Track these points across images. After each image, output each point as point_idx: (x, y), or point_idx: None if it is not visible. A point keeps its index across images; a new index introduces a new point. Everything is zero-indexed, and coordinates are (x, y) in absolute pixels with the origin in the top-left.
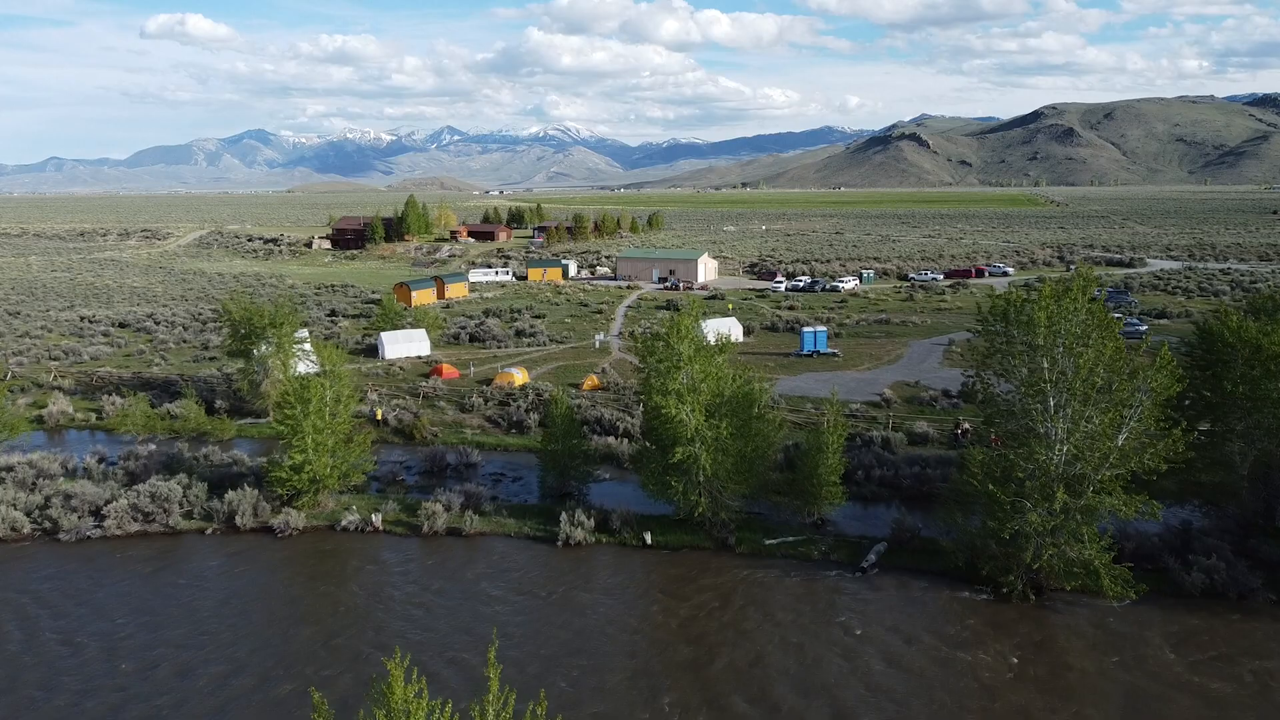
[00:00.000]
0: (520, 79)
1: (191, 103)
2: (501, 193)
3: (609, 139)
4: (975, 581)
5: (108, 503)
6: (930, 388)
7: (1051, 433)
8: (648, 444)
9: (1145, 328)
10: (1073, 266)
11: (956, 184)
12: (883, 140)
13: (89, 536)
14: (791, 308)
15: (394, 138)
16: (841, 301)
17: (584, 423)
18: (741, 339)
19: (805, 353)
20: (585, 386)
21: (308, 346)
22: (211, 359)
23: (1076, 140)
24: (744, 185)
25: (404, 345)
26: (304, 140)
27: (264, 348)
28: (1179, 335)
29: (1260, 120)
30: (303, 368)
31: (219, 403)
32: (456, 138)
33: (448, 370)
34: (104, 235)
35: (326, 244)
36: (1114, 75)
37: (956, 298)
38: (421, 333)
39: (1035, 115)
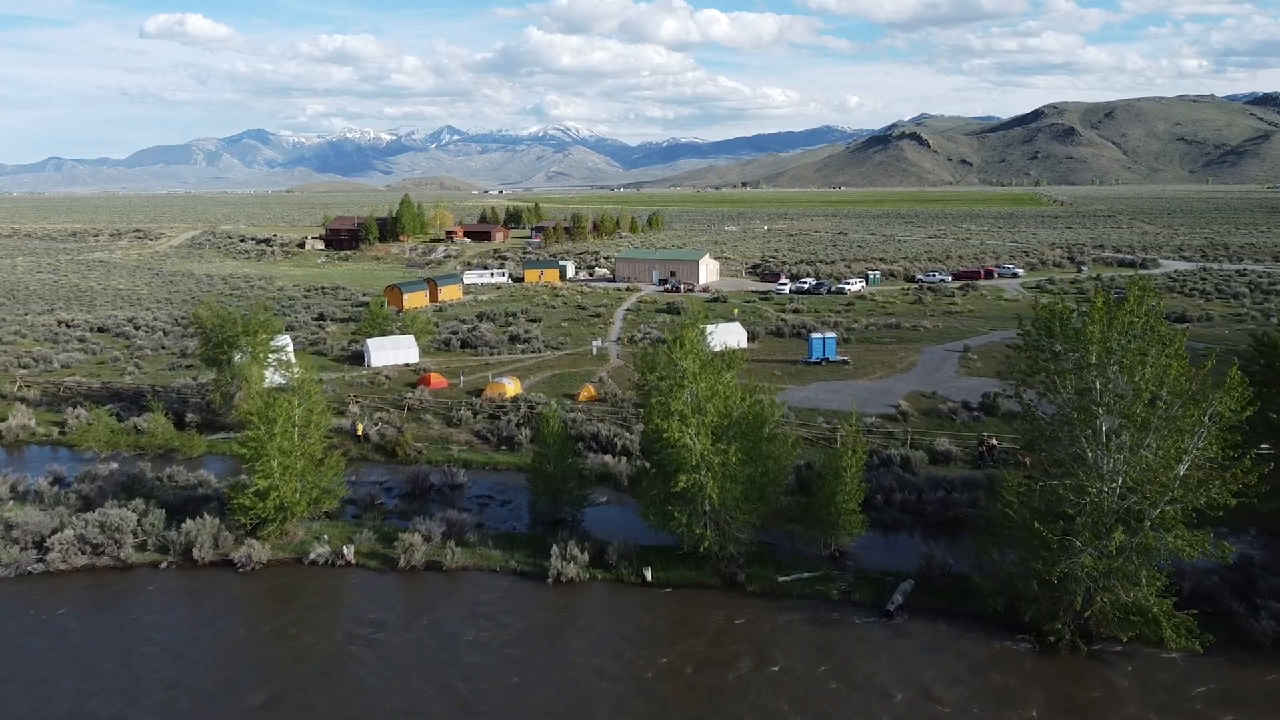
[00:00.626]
0: (520, 79)
1: (191, 103)
2: (501, 192)
3: (609, 139)
4: (1016, 628)
5: (53, 533)
6: (948, 399)
7: (1103, 462)
8: (647, 465)
9: None
10: (1084, 268)
11: (957, 183)
12: (883, 140)
13: (30, 571)
14: (796, 311)
15: (394, 137)
16: (848, 304)
17: (579, 439)
18: (745, 345)
19: (813, 360)
20: (581, 398)
21: (287, 354)
22: (188, 367)
23: (1077, 139)
24: (744, 185)
25: (391, 353)
26: (303, 140)
27: (238, 357)
28: (1204, 341)
29: (1261, 119)
30: (280, 379)
31: (190, 416)
32: (456, 137)
33: (436, 380)
34: (95, 236)
35: (320, 244)
36: (1114, 75)
37: (967, 300)
38: (409, 339)
39: (1036, 114)
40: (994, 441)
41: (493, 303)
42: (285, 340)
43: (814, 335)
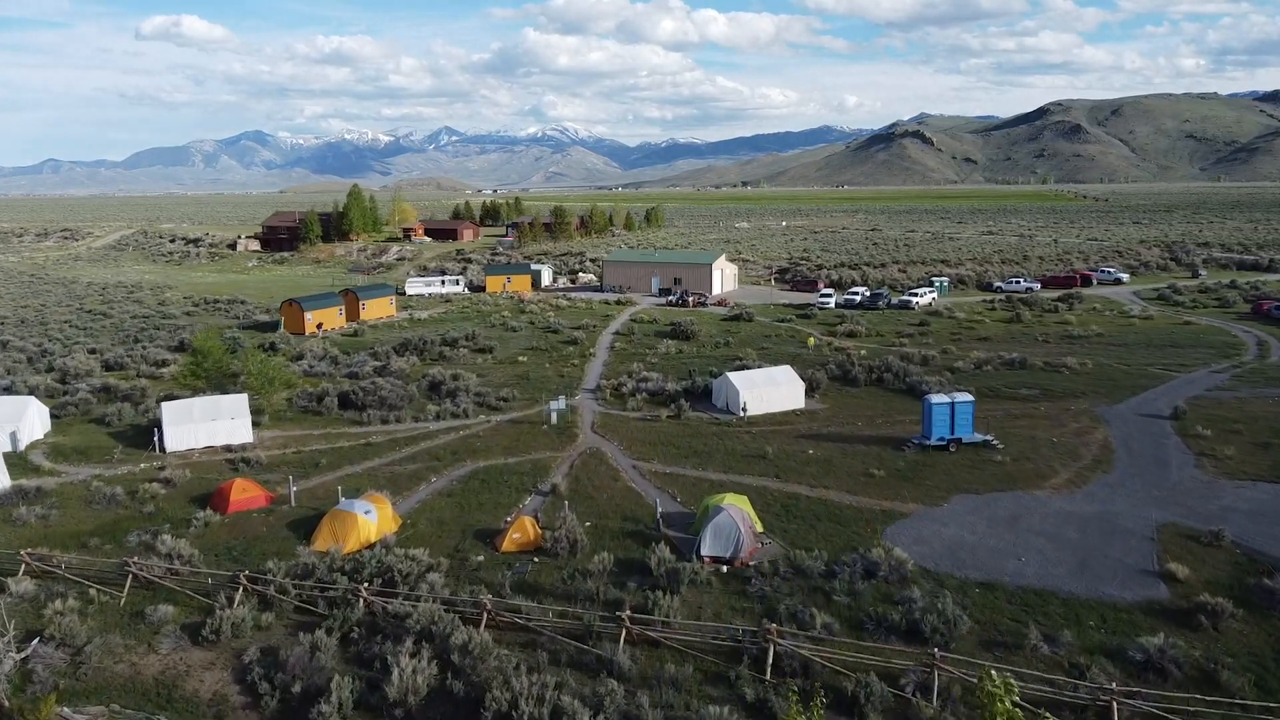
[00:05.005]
0: (518, 79)
1: (188, 104)
2: (495, 192)
3: (607, 139)
4: None
5: None
6: (1254, 549)
7: None
8: None
9: None
10: (1201, 272)
11: (962, 181)
12: (885, 138)
13: None
14: (852, 334)
15: (392, 138)
16: (921, 324)
17: (474, 703)
18: (803, 405)
19: (933, 442)
20: (506, 544)
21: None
22: None
23: (1084, 137)
24: (744, 184)
25: (202, 428)
26: (301, 141)
27: None
28: None
29: (1272, 116)
30: None
31: None
32: (454, 138)
33: (241, 494)
34: (20, 236)
35: (255, 245)
36: (1112, 74)
37: (1080, 317)
38: (239, 403)
39: (1041, 112)
40: None
41: (433, 323)
42: None
43: (933, 398)
